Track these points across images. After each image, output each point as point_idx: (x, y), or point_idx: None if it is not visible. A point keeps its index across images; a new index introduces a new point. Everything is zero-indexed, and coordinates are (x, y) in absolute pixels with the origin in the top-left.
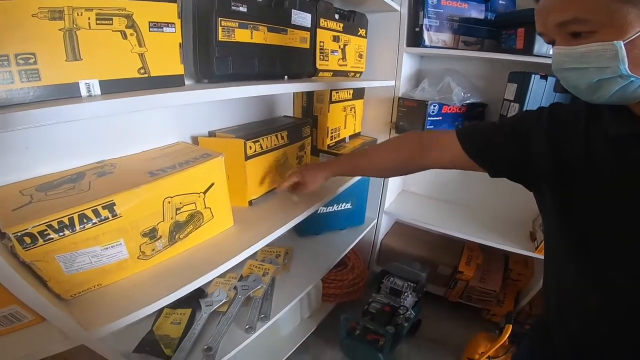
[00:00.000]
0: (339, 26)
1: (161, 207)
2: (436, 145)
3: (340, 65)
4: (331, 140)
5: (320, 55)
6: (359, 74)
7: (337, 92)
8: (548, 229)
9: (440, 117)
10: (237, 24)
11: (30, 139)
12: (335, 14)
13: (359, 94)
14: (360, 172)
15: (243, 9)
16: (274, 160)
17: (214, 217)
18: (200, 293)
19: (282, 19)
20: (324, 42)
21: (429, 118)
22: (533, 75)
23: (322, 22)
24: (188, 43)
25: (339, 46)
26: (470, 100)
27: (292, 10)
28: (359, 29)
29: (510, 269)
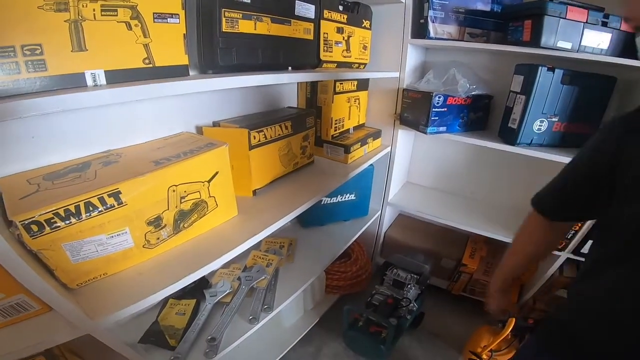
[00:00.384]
0: (343, 17)
1: (166, 196)
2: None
3: (345, 56)
4: (335, 131)
5: (324, 47)
6: (363, 65)
7: (341, 84)
8: (614, 243)
9: (445, 109)
10: (241, 15)
11: (36, 129)
12: (340, 5)
13: (363, 85)
14: (511, 274)
15: (247, 0)
16: (278, 150)
17: (218, 206)
18: (204, 284)
19: (285, 10)
20: (327, 34)
21: (433, 109)
22: (540, 67)
23: (326, 14)
24: (192, 34)
25: (343, 38)
26: (475, 92)
27: (296, 1)
28: (363, 21)
29: None
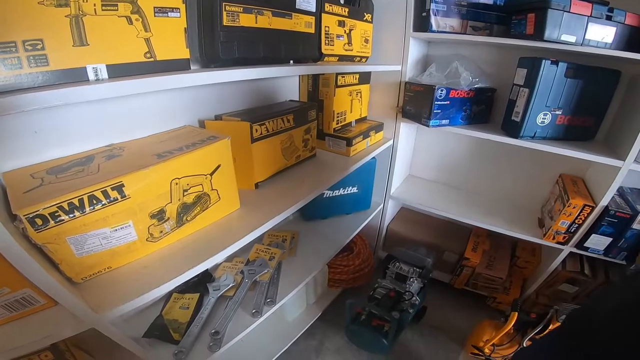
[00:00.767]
0: (345, 11)
1: (169, 189)
2: None
3: (346, 50)
4: (337, 124)
5: (325, 40)
6: (365, 58)
7: (342, 77)
8: None
9: (448, 102)
10: (242, 9)
11: (39, 123)
12: None
13: (365, 78)
14: None
15: None
16: (280, 143)
17: (220, 199)
18: (207, 277)
19: (286, 3)
20: (329, 27)
21: (436, 102)
22: (544, 61)
23: (327, 7)
24: (193, 28)
25: (345, 31)
26: (478, 85)
27: None
28: (365, 14)
29: (517, 256)
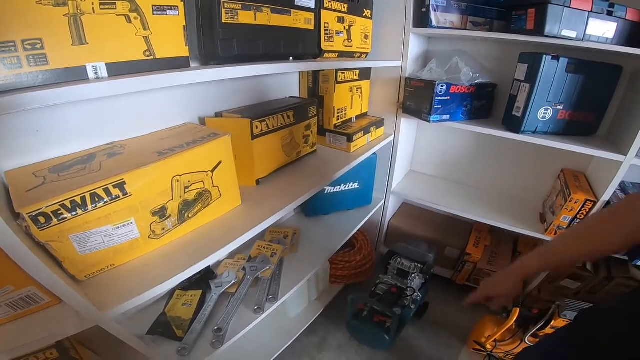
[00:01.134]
0: (344, 7)
1: (170, 186)
2: None
3: (346, 46)
4: (338, 120)
5: (325, 37)
6: (365, 55)
7: (342, 73)
8: None
9: (449, 97)
10: (241, 6)
11: (40, 123)
12: None
13: (365, 74)
14: (569, 262)
15: None
16: (281, 140)
17: (222, 195)
18: (210, 274)
19: (285, 0)
20: (328, 24)
21: (436, 98)
22: (544, 56)
23: (327, 3)
24: (192, 26)
25: (344, 27)
26: (479, 80)
27: None
28: (364, 10)
29: (519, 251)
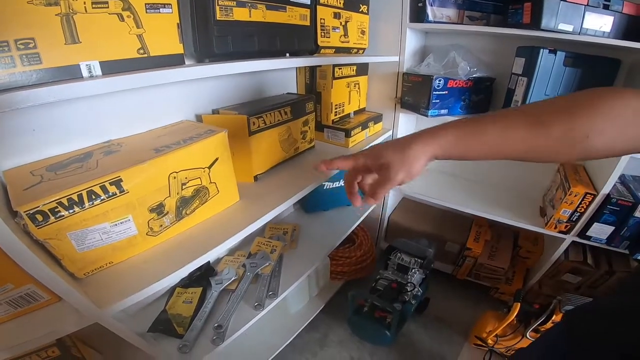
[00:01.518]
0: (340, 2)
1: (167, 182)
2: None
3: (342, 42)
4: (335, 115)
5: (321, 32)
6: (362, 50)
7: (339, 69)
8: None
9: (447, 92)
10: (235, 3)
11: (37, 122)
12: None
13: (362, 70)
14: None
15: None
16: (278, 136)
17: (219, 192)
18: (210, 271)
19: None
20: (324, 19)
21: (434, 92)
22: (541, 50)
23: None
24: (187, 23)
25: (341, 23)
26: (477, 75)
27: None
28: (361, 6)
29: (519, 246)
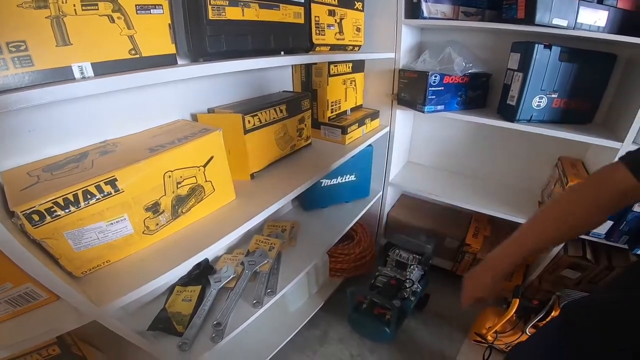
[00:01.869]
0: (334, 0)
1: (162, 181)
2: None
3: (338, 39)
4: (332, 112)
5: (316, 30)
6: (358, 47)
7: (335, 66)
8: None
9: (442, 87)
10: (227, 2)
11: (33, 123)
12: None
13: (358, 67)
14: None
15: None
16: (274, 133)
17: (215, 190)
18: (209, 270)
19: None
20: (319, 17)
21: (430, 88)
22: (536, 45)
23: None
24: (180, 23)
25: (335, 20)
26: (472, 70)
27: None
28: (355, 3)
29: None
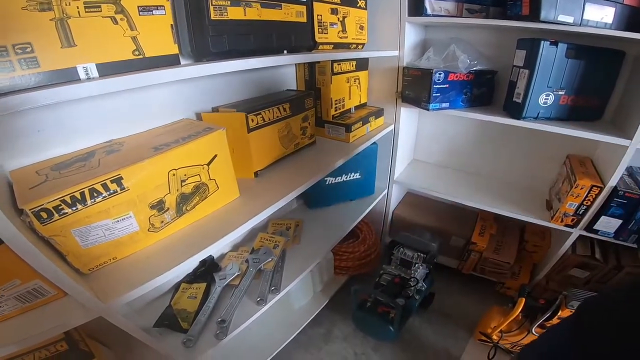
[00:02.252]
0: None
1: (166, 180)
2: None
3: (341, 37)
4: (336, 111)
5: (318, 29)
6: (361, 45)
7: (338, 64)
8: None
9: (447, 85)
10: (229, 2)
11: (41, 123)
12: None
13: (362, 65)
14: None
15: None
16: (278, 132)
17: (219, 188)
18: (214, 267)
19: None
20: (322, 15)
21: (434, 86)
22: (542, 42)
23: None
24: (182, 24)
25: (338, 18)
26: (477, 68)
27: None
28: (358, 1)
29: (526, 240)
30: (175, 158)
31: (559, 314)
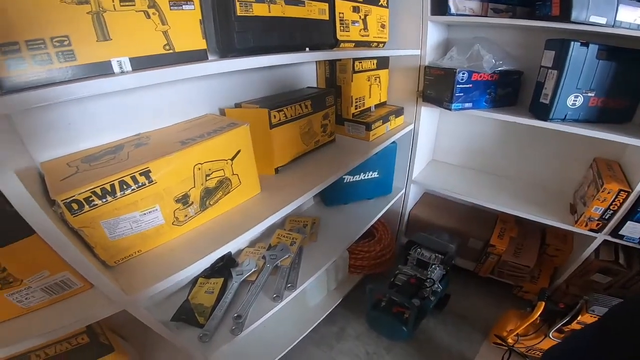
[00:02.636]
0: None
1: (192, 174)
2: None
3: (362, 35)
4: (356, 109)
5: (340, 27)
6: (383, 44)
7: (360, 62)
8: None
9: (470, 85)
10: None
11: (72, 116)
12: None
13: (383, 63)
14: None
15: None
16: (299, 129)
17: (241, 183)
18: (231, 262)
19: None
20: (343, 13)
21: (458, 85)
22: (573, 43)
23: None
24: (209, 20)
25: (360, 17)
26: (502, 68)
27: None
28: None
29: (547, 244)
30: (201, 152)
31: (578, 319)
